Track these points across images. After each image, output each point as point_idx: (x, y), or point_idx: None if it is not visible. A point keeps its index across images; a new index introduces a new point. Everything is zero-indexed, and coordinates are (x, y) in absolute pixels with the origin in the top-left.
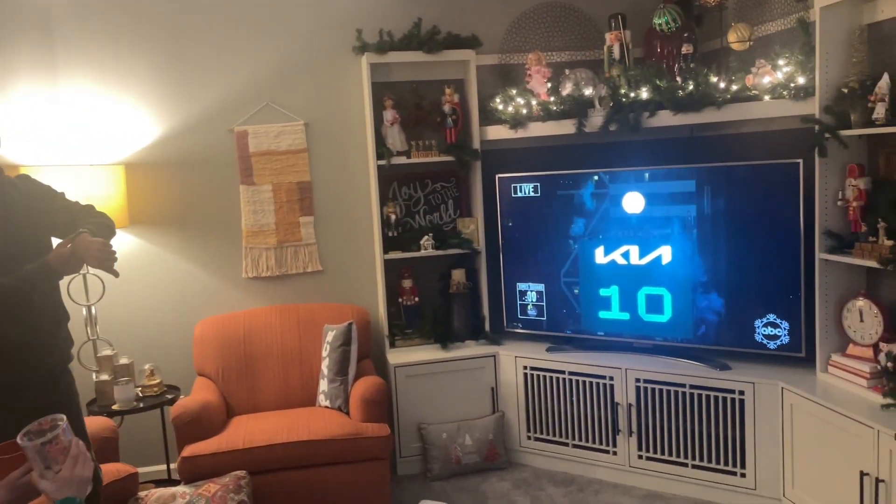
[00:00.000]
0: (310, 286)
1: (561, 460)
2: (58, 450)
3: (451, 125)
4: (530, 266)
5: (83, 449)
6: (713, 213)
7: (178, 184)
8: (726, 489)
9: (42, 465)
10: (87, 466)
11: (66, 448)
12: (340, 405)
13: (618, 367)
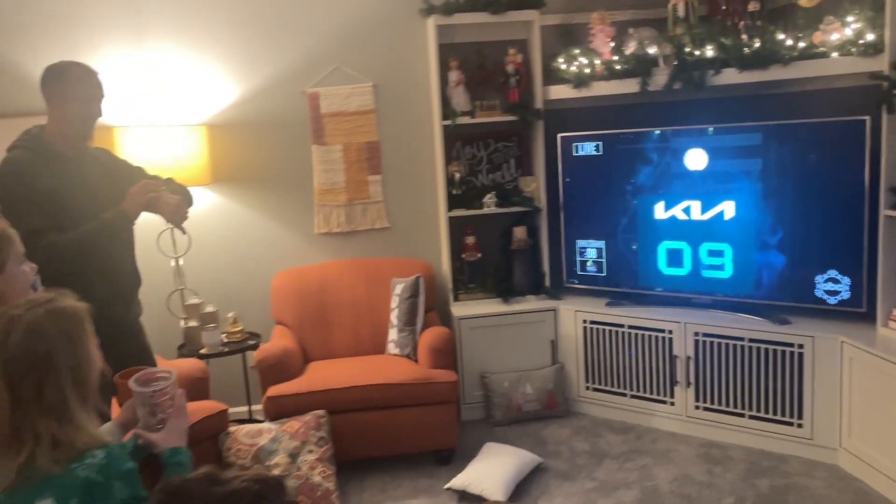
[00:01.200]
0: (377, 242)
1: (618, 410)
2: (165, 400)
3: (514, 85)
4: (590, 223)
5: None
6: (777, 169)
7: (255, 144)
8: (783, 439)
9: (148, 410)
10: (186, 419)
11: (171, 399)
12: (409, 353)
13: (677, 320)
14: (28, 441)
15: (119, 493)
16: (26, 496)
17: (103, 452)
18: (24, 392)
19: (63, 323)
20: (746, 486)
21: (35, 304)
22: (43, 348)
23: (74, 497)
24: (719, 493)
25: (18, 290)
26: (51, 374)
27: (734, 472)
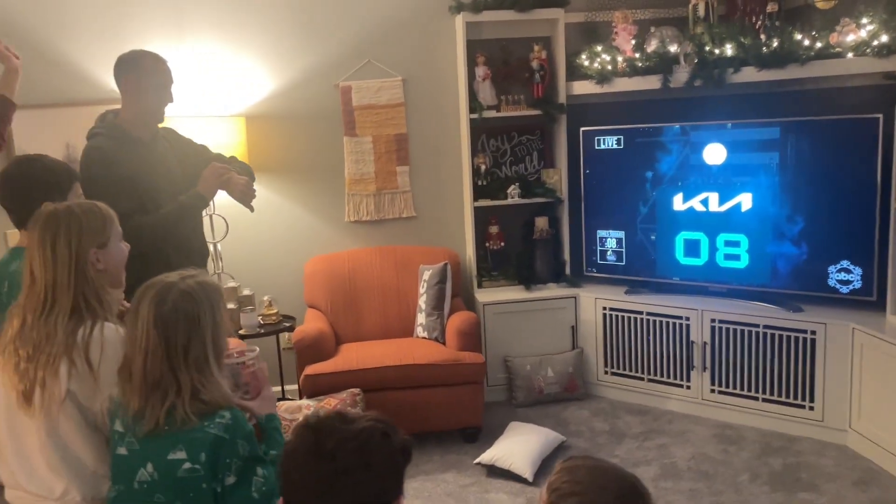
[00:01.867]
0: (404, 230)
1: (636, 393)
2: (248, 373)
3: (538, 80)
4: (610, 214)
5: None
6: (793, 164)
7: (289, 135)
8: (794, 421)
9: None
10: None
11: (255, 373)
12: (437, 336)
13: (694, 308)
14: (172, 389)
15: (242, 450)
16: (162, 446)
17: (229, 414)
18: (175, 345)
19: (208, 292)
20: (760, 463)
21: (187, 275)
22: (193, 310)
23: (204, 452)
24: (734, 471)
25: (118, 265)
26: (196, 332)
27: (748, 451)
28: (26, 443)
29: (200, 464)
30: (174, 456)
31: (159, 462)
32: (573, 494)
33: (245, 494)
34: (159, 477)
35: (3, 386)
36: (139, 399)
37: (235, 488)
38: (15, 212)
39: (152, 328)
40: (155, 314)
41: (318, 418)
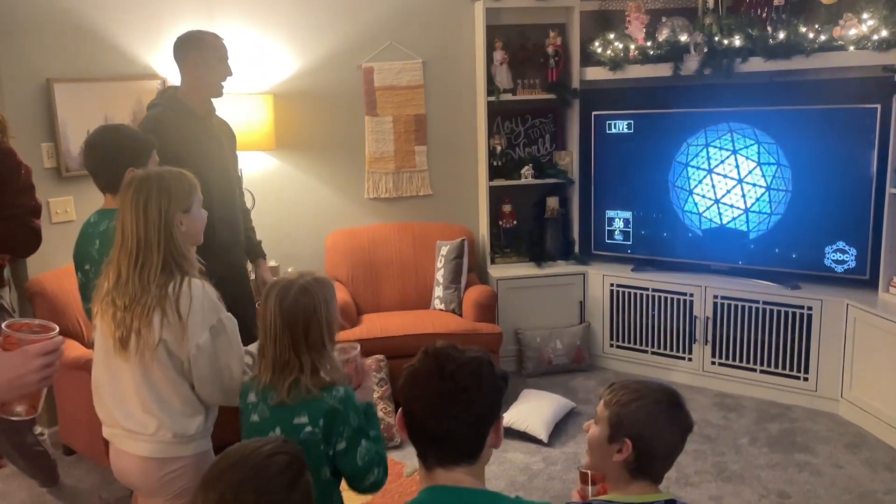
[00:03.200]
0: (421, 207)
1: (640, 365)
2: (351, 366)
3: (553, 66)
4: (619, 195)
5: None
6: (794, 150)
7: (313, 113)
8: (789, 391)
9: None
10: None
11: (357, 366)
12: (454, 308)
13: (698, 285)
14: (295, 368)
15: (352, 420)
16: (289, 413)
17: (343, 389)
18: (297, 331)
19: (322, 287)
20: (758, 428)
21: (304, 273)
22: (310, 303)
23: (322, 418)
24: (735, 434)
25: (198, 228)
26: (314, 321)
27: (746, 417)
28: (123, 385)
29: (319, 428)
30: (298, 421)
31: (286, 426)
32: (634, 401)
33: (351, 460)
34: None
35: (102, 333)
36: (270, 375)
37: (344, 454)
38: (100, 176)
39: (278, 319)
40: (280, 308)
41: (437, 348)
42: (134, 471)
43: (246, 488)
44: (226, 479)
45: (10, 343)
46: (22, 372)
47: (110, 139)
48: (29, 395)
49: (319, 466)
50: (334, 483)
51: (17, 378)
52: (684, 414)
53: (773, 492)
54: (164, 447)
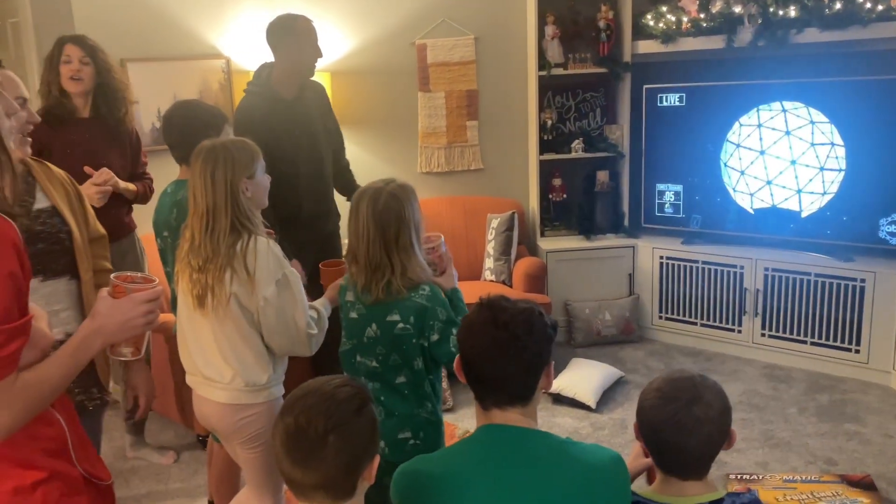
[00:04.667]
0: (472, 181)
1: (689, 337)
2: (436, 255)
3: (604, 40)
4: (669, 168)
5: (451, 256)
6: (848, 124)
7: (368, 89)
8: (840, 363)
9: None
10: (454, 269)
11: (441, 255)
12: (504, 279)
13: (749, 257)
14: (387, 269)
15: (441, 314)
16: (383, 310)
17: (429, 287)
18: (388, 235)
19: (408, 193)
20: (807, 399)
21: (390, 181)
22: (399, 207)
23: (412, 315)
24: (783, 404)
25: (262, 193)
26: (403, 224)
27: (796, 388)
28: (203, 338)
29: (410, 324)
30: (391, 318)
31: (381, 322)
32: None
33: (445, 349)
34: (381, 334)
35: (183, 292)
36: (364, 277)
37: (439, 344)
38: (178, 148)
39: (371, 223)
40: (372, 212)
41: (490, 299)
42: (213, 415)
43: (316, 412)
44: (299, 406)
45: (118, 292)
46: (130, 316)
47: (187, 113)
48: (134, 338)
49: (413, 357)
50: (425, 372)
51: (126, 321)
52: (683, 406)
53: (821, 458)
54: (238, 394)
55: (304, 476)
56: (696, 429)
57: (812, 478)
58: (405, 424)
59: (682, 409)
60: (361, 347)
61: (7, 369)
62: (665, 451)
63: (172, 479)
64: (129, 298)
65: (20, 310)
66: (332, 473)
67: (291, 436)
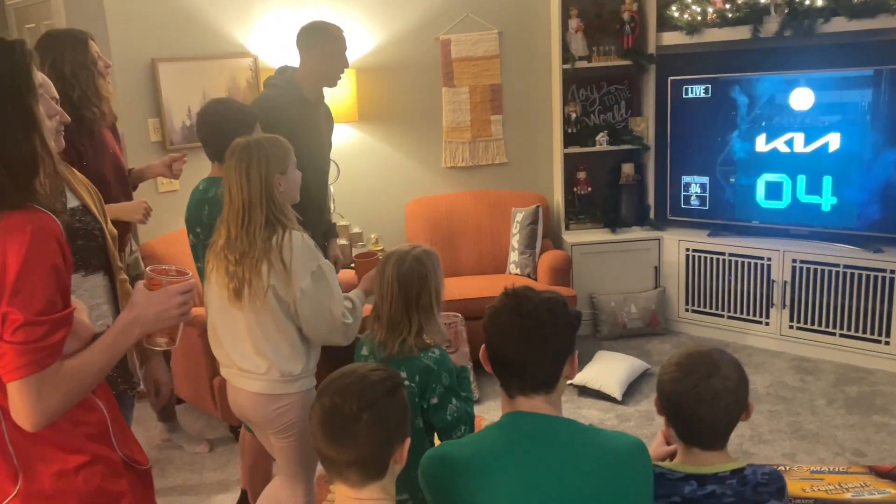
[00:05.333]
0: (497, 175)
1: (715, 329)
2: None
3: (628, 32)
4: (695, 160)
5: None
6: (879, 110)
7: (393, 86)
8: (870, 354)
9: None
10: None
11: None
12: (529, 273)
13: (776, 249)
14: (405, 327)
15: (444, 380)
16: (394, 365)
17: (439, 351)
18: (410, 294)
19: (432, 258)
20: (836, 391)
21: (416, 246)
22: (423, 270)
23: (418, 375)
24: (811, 396)
25: (294, 187)
26: (425, 286)
27: (824, 380)
28: (238, 330)
29: (415, 384)
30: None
31: None
32: (666, 371)
33: (442, 415)
34: None
35: (217, 285)
36: (384, 333)
37: (436, 409)
38: (211, 145)
39: (395, 283)
40: (397, 273)
41: (515, 289)
42: (248, 405)
43: (350, 393)
44: (335, 386)
45: (153, 284)
46: (166, 307)
47: (220, 111)
48: (169, 329)
49: (414, 417)
50: (425, 432)
51: (162, 312)
52: (702, 378)
53: (849, 450)
54: (273, 385)
55: (339, 453)
56: (715, 400)
57: (840, 469)
58: (403, 487)
59: (700, 382)
60: None
61: (52, 358)
62: (685, 423)
63: (206, 469)
64: (165, 290)
65: (63, 301)
66: (365, 451)
67: (327, 414)
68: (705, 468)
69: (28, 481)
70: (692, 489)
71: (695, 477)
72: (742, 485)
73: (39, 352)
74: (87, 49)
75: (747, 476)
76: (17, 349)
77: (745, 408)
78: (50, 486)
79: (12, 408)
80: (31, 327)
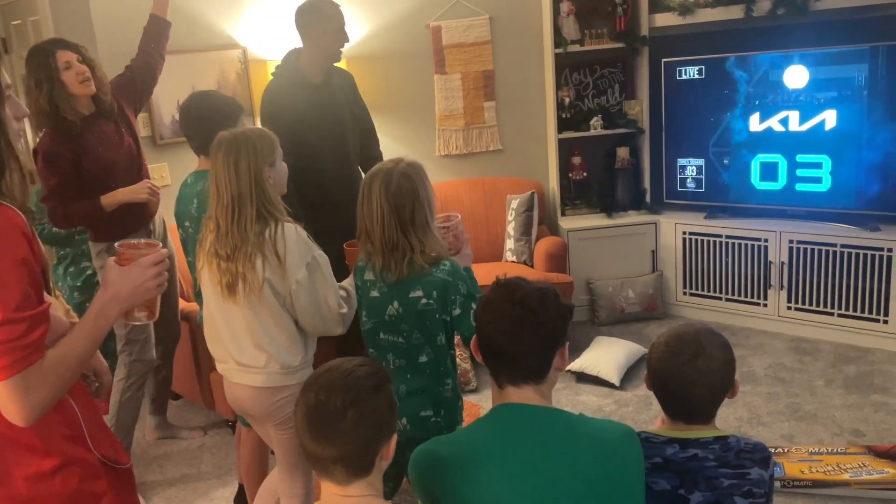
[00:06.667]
0: (491, 162)
1: (714, 312)
2: (451, 235)
3: (621, 14)
4: (690, 142)
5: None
6: (874, 88)
7: (384, 74)
8: (869, 334)
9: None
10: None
11: (456, 235)
12: (525, 260)
13: (773, 230)
14: (407, 248)
15: (462, 288)
16: (406, 287)
17: (449, 263)
18: (404, 215)
19: (418, 171)
20: (835, 371)
21: (399, 160)
22: (412, 186)
23: (435, 291)
24: (810, 377)
25: (283, 179)
26: (417, 203)
27: (823, 361)
28: (235, 325)
29: (433, 300)
30: (414, 295)
31: (403, 300)
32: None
33: (467, 322)
34: (403, 311)
35: (210, 282)
36: (382, 257)
37: (461, 318)
38: (195, 139)
39: (385, 204)
40: (385, 193)
41: (507, 279)
42: (248, 399)
43: (336, 388)
44: (319, 382)
45: (124, 259)
46: (141, 280)
47: (204, 103)
48: (147, 302)
49: (436, 333)
50: (447, 347)
51: (138, 286)
52: (688, 359)
53: (847, 430)
54: (273, 377)
55: (324, 450)
56: (700, 380)
57: (838, 450)
58: (427, 402)
59: (686, 363)
60: (384, 325)
61: (36, 355)
62: (671, 400)
63: (204, 464)
64: (137, 264)
65: (38, 297)
66: (350, 447)
67: (312, 410)
68: (689, 433)
69: (3, 486)
70: (674, 451)
71: (677, 441)
72: (724, 450)
73: (21, 350)
74: (49, 61)
75: (730, 443)
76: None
77: (731, 386)
78: (26, 490)
79: (2, 407)
80: (10, 325)
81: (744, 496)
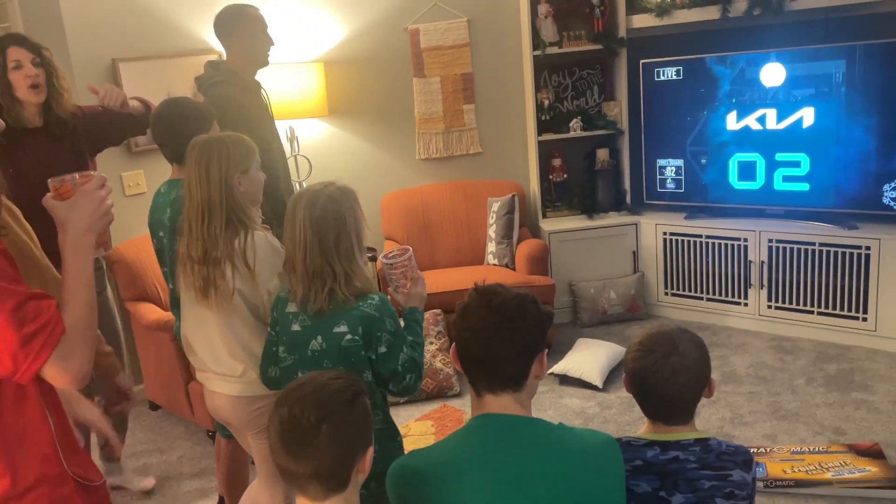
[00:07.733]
0: (471, 165)
1: (695, 312)
2: (399, 272)
3: (598, 16)
4: (669, 143)
5: (421, 276)
6: (850, 88)
7: (363, 78)
8: (848, 331)
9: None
10: (424, 288)
11: (403, 272)
12: (507, 263)
13: (752, 229)
14: (329, 276)
15: (389, 325)
16: (329, 321)
17: (377, 296)
18: (327, 241)
19: (348, 195)
20: (815, 369)
21: (329, 183)
22: (338, 210)
23: (360, 326)
24: (791, 375)
25: (257, 189)
26: (343, 228)
27: (804, 359)
28: (211, 334)
29: (358, 335)
30: (338, 329)
31: (326, 334)
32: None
33: (392, 364)
34: (327, 347)
35: (185, 287)
36: (303, 287)
37: (386, 358)
38: (168, 146)
39: (308, 228)
40: (309, 217)
41: (486, 285)
42: (226, 408)
43: (310, 403)
44: (293, 397)
45: (65, 191)
46: (95, 205)
47: (174, 111)
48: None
49: (361, 371)
50: (374, 384)
51: (94, 211)
52: (661, 357)
53: (829, 429)
54: (251, 386)
55: (298, 466)
56: (673, 378)
57: (820, 448)
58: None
59: (659, 360)
60: (305, 362)
61: (58, 327)
62: (647, 399)
63: (185, 477)
64: (82, 192)
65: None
66: (326, 463)
67: (285, 425)
68: (668, 436)
69: None
70: (655, 453)
71: (658, 443)
72: (705, 452)
73: (44, 329)
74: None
75: (711, 445)
76: (23, 337)
77: (707, 383)
78: None
79: (54, 382)
80: (22, 309)
81: (725, 497)
